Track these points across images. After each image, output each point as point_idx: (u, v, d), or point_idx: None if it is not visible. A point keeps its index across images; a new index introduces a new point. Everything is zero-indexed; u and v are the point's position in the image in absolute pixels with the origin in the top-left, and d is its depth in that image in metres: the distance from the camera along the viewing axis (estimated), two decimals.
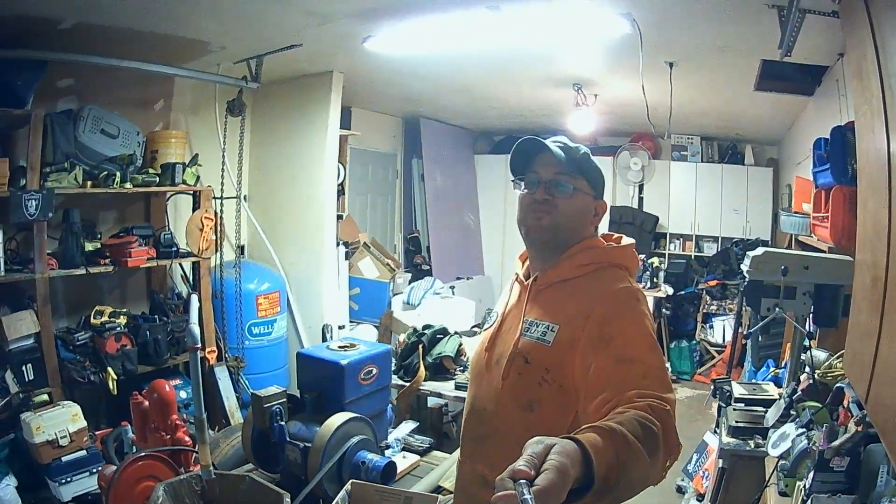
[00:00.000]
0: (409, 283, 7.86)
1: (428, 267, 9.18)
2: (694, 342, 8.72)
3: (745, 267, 3.46)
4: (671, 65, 5.17)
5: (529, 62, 5.71)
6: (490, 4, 3.87)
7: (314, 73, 5.96)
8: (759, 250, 3.44)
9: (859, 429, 2.33)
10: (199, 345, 2.42)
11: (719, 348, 8.55)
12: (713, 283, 8.69)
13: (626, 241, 1.99)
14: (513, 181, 1.98)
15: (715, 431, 4.53)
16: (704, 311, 8.81)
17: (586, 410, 1.61)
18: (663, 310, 8.74)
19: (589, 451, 1.14)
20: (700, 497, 4.51)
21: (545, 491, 0.99)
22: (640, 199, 9.75)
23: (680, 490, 4.99)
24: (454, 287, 8.30)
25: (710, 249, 9.32)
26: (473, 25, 4.18)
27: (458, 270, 9.47)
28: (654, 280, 8.68)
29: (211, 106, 5.80)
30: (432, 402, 5.52)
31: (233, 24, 4.35)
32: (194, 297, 3.09)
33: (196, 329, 2.45)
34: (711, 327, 8.73)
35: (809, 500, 2.31)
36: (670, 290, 8.72)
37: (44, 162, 4.29)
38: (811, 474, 2.38)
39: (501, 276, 10.09)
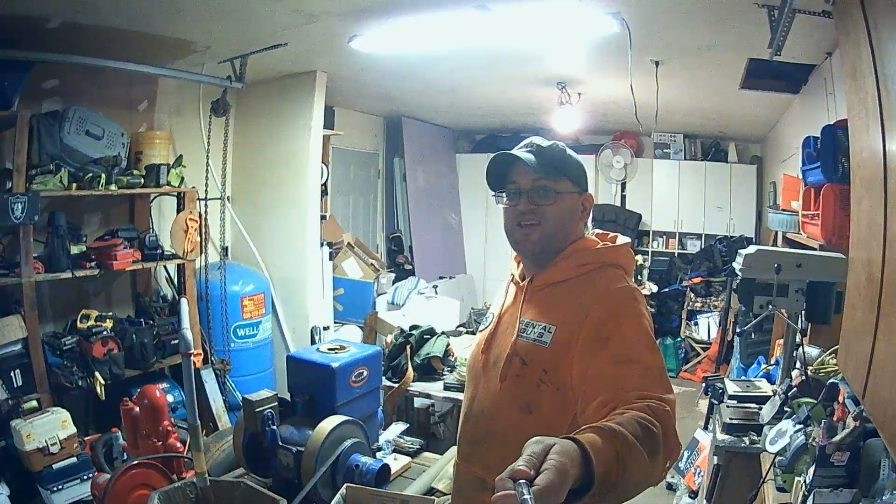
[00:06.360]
0: (393, 283, 7.84)
1: (411, 266, 9.17)
2: (679, 339, 8.76)
3: (737, 265, 3.47)
4: (657, 63, 5.19)
5: (515, 62, 5.72)
6: (478, 4, 3.86)
7: (298, 72, 5.92)
8: (752, 248, 3.45)
9: (857, 424, 2.35)
10: (193, 350, 2.40)
11: (704, 345, 8.58)
12: (697, 280, 8.75)
13: (622, 240, 1.99)
14: (494, 195, 1.96)
15: (706, 428, 4.56)
16: (689, 308, 8.83)
17: (585, 412, 1.61)
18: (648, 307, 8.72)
19: (588, 451, 1.15)
20: (692, 494, 4.53)
21: (545, 491, 0.99)
22: (623, 197, 9.78)
23: (671, 487, 5.01)
24: (437, 286, 8.32)
25: (693, 247, 9.37)
26: (461, 25, 4.18)
27: (441, 270, 9.48)
28: (638, 278, 8.70)
29: (195, 106, 5.74)
30: (419, 402, 5.54)
31: (218, 23, 4.31)
32: (184, 301, 3.07)
33: (189, 335, 2.43)
34: (696, 324, 8.76)
35: (811, 495, 2.32)
36: (654, 288, 8.78)
37: (29, 164, 4.23)
38: (812, 469, 2.40)
39: (484, 274, 10.10)
